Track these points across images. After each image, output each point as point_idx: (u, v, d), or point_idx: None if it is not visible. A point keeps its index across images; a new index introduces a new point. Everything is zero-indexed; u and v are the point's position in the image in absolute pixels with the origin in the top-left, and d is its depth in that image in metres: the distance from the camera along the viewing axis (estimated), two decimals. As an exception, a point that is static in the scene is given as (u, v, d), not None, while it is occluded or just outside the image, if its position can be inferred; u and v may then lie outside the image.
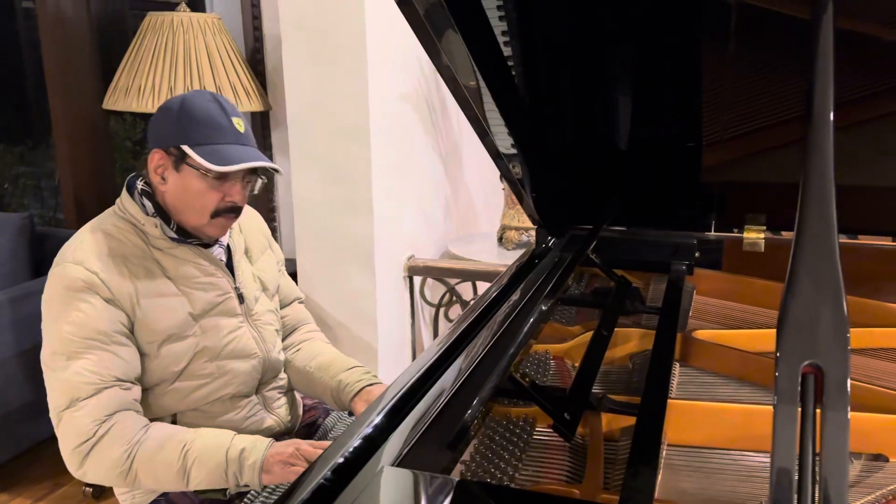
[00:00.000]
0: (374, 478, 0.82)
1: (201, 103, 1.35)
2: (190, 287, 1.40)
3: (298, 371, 1.63)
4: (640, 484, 0.81)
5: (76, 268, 1.31)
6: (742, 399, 1.19)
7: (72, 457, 1.29)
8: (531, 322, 1.14)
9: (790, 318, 0.61)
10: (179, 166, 1.36)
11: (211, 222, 1.40)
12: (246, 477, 1.27)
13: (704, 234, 1.77)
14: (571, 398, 0.99)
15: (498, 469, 0.97)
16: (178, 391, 1.40)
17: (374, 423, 0.97)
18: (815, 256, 0.62)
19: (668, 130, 1.67)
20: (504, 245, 2.75)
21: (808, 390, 0.59)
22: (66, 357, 1.28)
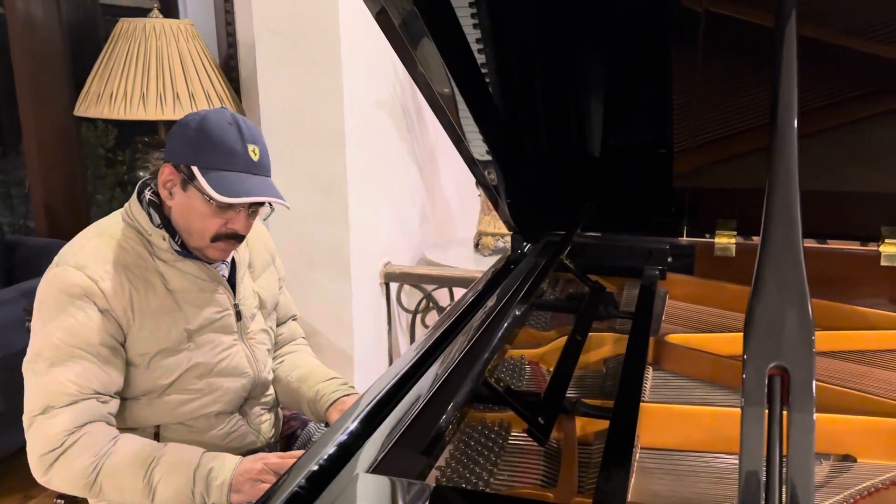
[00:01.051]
0: (349, 485, 0.82)
1: (220, 125, 1.32)
2: (189, 302, 1.38)
3: (280, 381, 1.62)
4: (612, 487, 0.82)
5: (77, 273, 1.28)
6: (714, 402, 1.20)
7: (38, 463, 1.28)
8: (506, 327, 1.14)
9: (756, 321, 0.62)
10: (186, 186, 1.33)
11: (211, 245, 1.37)
12: (213, 496, 1.25)
13: (677, 240, 1.79)
14: (545, 402, 1.00)
15: (473, 474, 0.97)
16: (164, 404, 1.38)
17: (350, 430, 0.97)
18: (781, 260, 0.63)
19: (640, 137, 1.69)
20: (480, 251, 2.76)
21: (774, 391, 0.60)
22: (50, 363, 1.27)
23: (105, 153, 4.77)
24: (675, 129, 1.63)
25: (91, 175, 4.27)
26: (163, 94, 2.21)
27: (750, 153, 1.64)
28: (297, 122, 2.32)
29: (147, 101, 2.20)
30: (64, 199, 3.17)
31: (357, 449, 0.93)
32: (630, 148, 1.71)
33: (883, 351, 1.40)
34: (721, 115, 1.60)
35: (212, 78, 2.33)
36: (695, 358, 1.30)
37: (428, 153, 2.92)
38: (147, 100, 2.20)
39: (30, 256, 2.91)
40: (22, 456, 2.68)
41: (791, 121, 0.69)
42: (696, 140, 1.61)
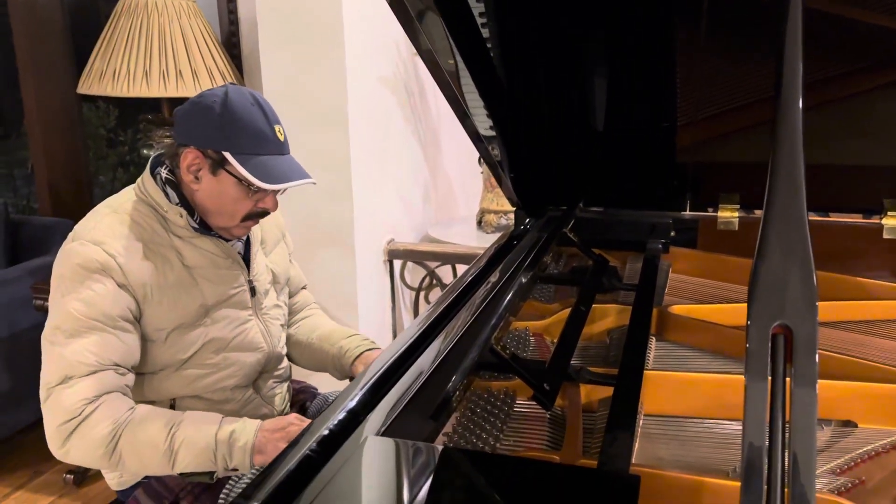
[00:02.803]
0: (358, 448, 0.83)
1: (245, 106, 1.30)
2: (205, 278, 1.39)
3: (301, 344, 1.64)
4: (617, 449, 0.83)
5: (94, 248, 1.29)
6: (716, 371, 1.22)
7: (56, 434, 1.27)
8: (510, 298, 1.15)
9: (760, 282, 0.63)
10: (217, 171, 1.32)
11: (239, 224, 1.39)
12: (236, 459, 1.25)
13: (680, 214, 1.80)
14: (550, 370, 1.02)
15: (479, 440, 0.99)
16: (181, 378, 1.39)
17: (358, 398, 0.98)
18: (785, 222, 0.64)
19: (644, 111, 1.69)
20: (483, 228, 2.77)
21: (777, 350, 0.61)
22: (69, 334, 1.27)
23: (106, 134, 4.77)
24: (679, 103, 1.63)
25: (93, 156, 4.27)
26: (166, 72, 2.21)
27: (753, 127, 1.65)
28: (300, 101, 2.32)
29: (150, 79, 2.20)
30: (67, 178, 3.18)
31: (365, 415, 0.95)
32: (633, 122, 1.71)
33: (884, 321, 1.42)
34: (724, 89, 1.61)
35: (214, 55, 2.33)
36: (697, 328, 1.32)
37: (430, 132, 2.92)
38: (150, 77, 2.20)
39: (34, 236, 2.92)
40: (29, 434, 2.73)
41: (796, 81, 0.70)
42: (700, 114, 1.61)
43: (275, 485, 0.78)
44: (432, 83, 2.82)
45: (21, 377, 2.68)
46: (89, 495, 2.46)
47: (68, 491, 2.48)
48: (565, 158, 1.81)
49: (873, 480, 0.94)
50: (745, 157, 1.76)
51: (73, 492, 2.47)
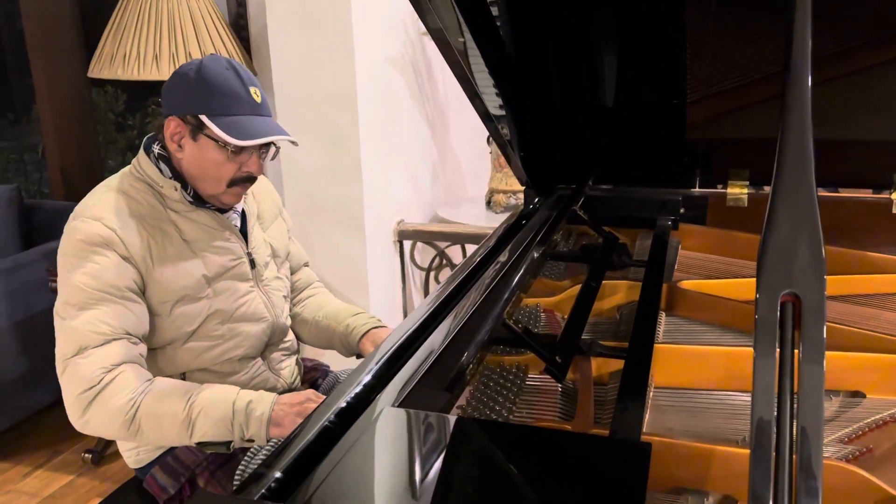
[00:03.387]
0: (375, 419, 0.85)
1: (219, 71, 1.34)
2: (204, 250, 1.42)
3: (307, 323, 1.67)
4: (628, 418, 0.85)
5: (94, 223, 1.32)
6: (725, 344, 1.23)
7: (75, 403, 1.29)
8: (521, 274, 1.17)
9: (770, 251, 0.64)
10: (197, 136, 1.36)
11: (227, 191, 1.41)
12: (252, 429, 1.28)
13: (689, 191, 1.81)
14: (562, 344, 1.03)
15: (493, 412, 1.01)
16: (189, 350, 1.42)
17: (373, 372, 1.00)
18: (793, 192, 0.65)
19: (653, 88, 1.69)
20: (492, 208, 2.78)
21: (786, 318, 0.62)
22: (78, 307, 1.30)
23: (115, 118, 4.79)
24: (689, 80, 1.63)
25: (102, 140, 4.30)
26: (175, 54, 2.22)
27: (763, 102, 1.65)
28: (309, 81, 2.32)
29: (160, 62, 2.21)
30: (79, 162, 3.20)
31: (382, 388, 0.97)
32: (642, 99, 1.72)
33: (893, 294, 1.42)
34: (734, 65, 1.60)
35: (223, 37, 2.34)
36: (706, 303, 1.33)
37: (438, 111, 2.92)
38: (160, 60, 2.21)
39: (48, 219, 2.95)
40: (48, 414, 2.77)
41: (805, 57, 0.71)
42: (710, 89, 1.61)
43: (295, 454, 0.80)
44: (440, 62, 2.82)
45: (38, 359, 2.72)
46: (107, 474, 2.50)
47: (87, 470, 2.52)
48: (574, 136, 1.81)
49: (881, 449, 0.96)
50: (754, 133, 1.76)
51: (91, 471, 2.52)
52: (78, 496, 2.39)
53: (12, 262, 2.62)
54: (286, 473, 0.78)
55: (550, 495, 0.68)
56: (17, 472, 2.52)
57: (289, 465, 0.79)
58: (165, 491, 1.43)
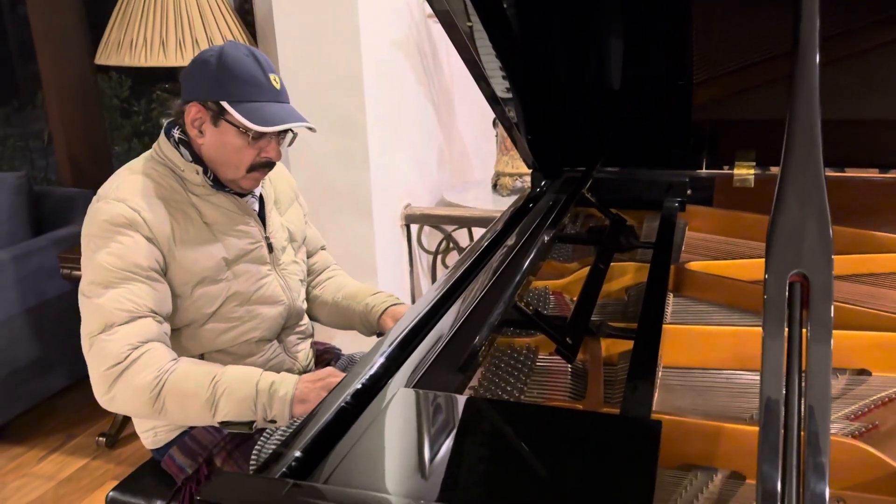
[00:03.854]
0: (392, 400, 0.87)
1: (239, 58, 1.36)
2: (224, 233, 1.44)
3: (327, 304, 1.70)
4: (638, 397, 0.87)
5: (119, 205, 1.34)
6: (732, 324, 1.24)
7: (101, 379, 1.31)
8: (532, 257, 1.18)
9: (778, 232, 0.65)
10: (217, 121, 1.38)
11: (246, 176, 1.43)
12: (276, 409, 1.30)
13: (696, 172, 1.81)
14: (572, 325, 1.05)
15: (505, 392, 1.02)
16: (208, 332, 1.44)
17: (387, 354, 1.02)
18: (802, 173, 0.66)
19: (659, 70, 1.70)
20: (499, 191, 2.78)
21: (795, 297, 0.64)
22: (104, 286, 1.32)
23: (120, 104, 4.79)
24: (695, 61, 1.63)
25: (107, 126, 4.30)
26: (182, 40, 2.22)
27: (769, 83, 1.65)
28: (315, 65, 2.33)
29: (167, 48, 2.21)
30: (86, 148, 3.21)
31: (396, 370, 0.99)
32: (649, 81, 1.72)
33: (897, 273, 1.44)
34: (741, 46, 1.60)
35: (228, 22, 2.34)
36: (713, 284, 1.34)
37: (444, 95, 2.92)
38: (167, 46, 2.21)
39: (57, 206, 2.97)
40: (62, 398, 2.81)
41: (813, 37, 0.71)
42: (716, 71, 1.61)
43: (314, 434, 0.82)
44: (445, 45, 2.83)
45: (51, 344, 2.75)
46: (121, 457, 2.54)
47: (101, 453, 2.56)
48: (581, 119, 1.82)
49: (886, 425, 0.97)
50: (760, 115, 1.76)
51: (105, 454, 2.55)
52: (93, 479, 2.42)
53: (23, 249, 2.65)
54: (305, 452, 0.80)
55: (564, 473, 0.70)
56: (33, 455, 2.56)
57: (308, 445, 0.81)
58: (183, 471, 1.46)
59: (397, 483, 0.72)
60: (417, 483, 0.72)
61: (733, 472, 0.89)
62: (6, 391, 2.59)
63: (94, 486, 2.38)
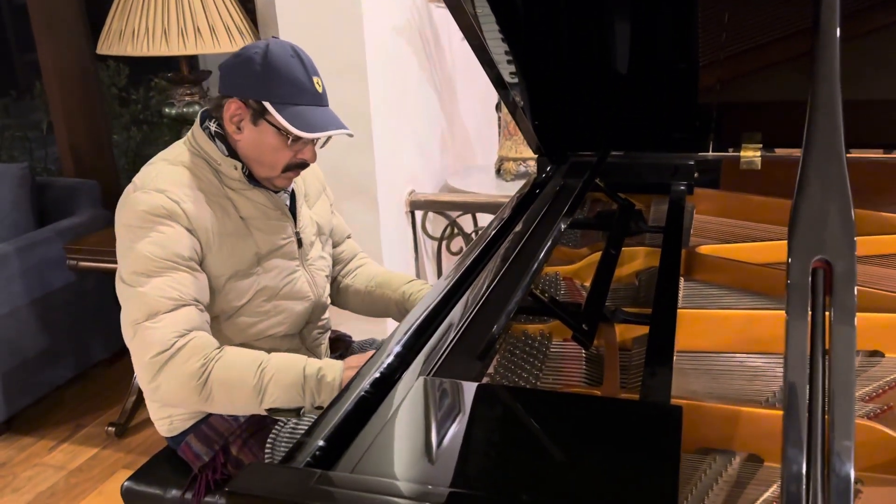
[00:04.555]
0: (413, 388, 0.88)
1: (285, 59, 1.35)
2: (258, 228, 1.45)
3: (360, 293, 1.70)
4: (656, 382, 0.88)
5: (158, 195, 1.34)
6: (744, 307, 1.25)
7: (147, 367, 1.31)
8: (547, 245, 1.18)
9: (801, 218, 0.66)
10: (258, 121, 1.37)
11: (280, 175, 1.44)
12: (324, 395, 1.30)
13: (702, 155, 1.82)
14: (587, 311, 1.06)
15: (521, 379, 1.03)
16: (235, 325, 1.45)
17: (403, 342, 1.03)
18: (823, 159, 0.67)
19: (664, 52, 1.69)
20: (502, 176, 2.78)
21: (817, 283, 0.64)
22: (147, 275, 1.32)
23: (118, 92, 4.76)
24: (701, 43, 1.63)
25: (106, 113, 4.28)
26: (184, 29, 2.21)
27: (776, 65, 1.65)
28: (318, 53, 2.28)
29: (169, 37, 2.20)
30: (88, 138, 3.20)
31: (412, 358, 0.99)
32: (655, 64, 1.72)
33: (908, 254, 1.44)
34: (746, 28, 1.60)
35: (230, 10, 2.33)
36: (724, 267, 1.35)
37: (446, 79, 2.91)
38: (169, 35, 2.20)
39: (60, 197, 2.97)
40: (69, 389, 2.82)
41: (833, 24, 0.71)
42: (724, 52, 1.61)
43: (336, 423, 0.83)
44: (447, 31, 2.81)
45: (57, 335, 2.76)
46: (131, 445, 2.55)
47: (111, 442, 2.57)
48: (586, 103, 1.82)
49: (901, 406, 0.98)
50: (766, 97, 1.76)
51: (115, 443, 2.57)
52: (104, 468, 2.44)
53: (28, 241, 2.65)
54: (328, 441, 0.81)
55: (589, 459, 0.70)
56: (43, 446, 2.57)
57: (330, 434, 0.82)
58: (200, 458, 1.47)
59: (423, 472, 0.73)
60: (443, 472, 0.73)
61: (750, 454, 0.90)
62: (14, 382, 2.60)
63: (106, 476, 2.40)
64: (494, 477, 0.69)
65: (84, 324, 2.90)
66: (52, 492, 2.33)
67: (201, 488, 1.48)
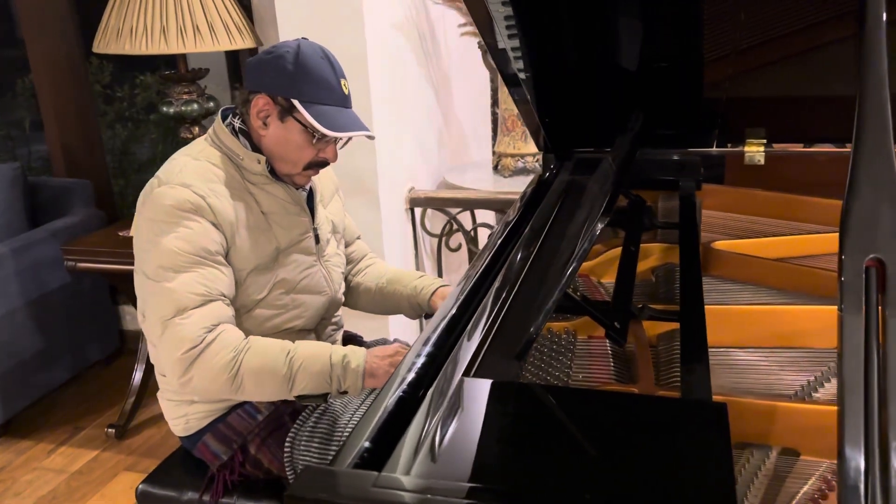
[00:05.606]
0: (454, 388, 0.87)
1: (315, 60, 1.39)
2: (279, 223, 1.46)
3: (370, 290, 1.72)
4: (695, 380, 0.89)
5: (184, 190, 1.35)
6: (762, 302, 1.27)
7: (178, 363, 1.32)
8: (585, 245, 1.17)
9: (852, 218, 0.67)
10: (285, 117, 1.40)
11: (301, 173, 1.46)
12: (349, 380, 1.34)
13: (707, 151, 1.83)
14: (616, 308, 1.06)
15: (553, 378, 1.04)
16: (254, 318, 1.46)
17: (434, 342, 1.03)
18: (873, 159, 0.68)
19: (670, 49, 1.71)
20: (500, 172, 2.78)
21: (871, 282, 0.65)
22: (174, 270, 1.32)
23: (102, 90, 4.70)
24: (706, 40, 1.64)
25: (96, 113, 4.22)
26: (183, 27, 2.19)
27: (779, 61, 1.67)
28: (318, 50, 2.30)
29: (168, 35, 2.18)
30: (79, 137, 3.17)
31: (444, 358, 0.99)
32: (660, 60, 1.73)
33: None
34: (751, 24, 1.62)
35: (228, 8, 2.31)
36: (740, 262, 1.36)
37: (442, 75, 2.91)
38: (168, 33, 2.18)
39: (52, 197, 2.94)
40: (66, 390, 2.80)
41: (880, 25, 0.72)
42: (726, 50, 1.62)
43: (379, 424, 0.83)
44: (443, 27, 2.81)
45: (53, 337, 2.73)
46: (132, 447, 2.53)
47: (111, 444, 2.55)
48: (594, 100, 1.83)
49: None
50: (770, 92, 1.78)
51: (115, 445, 2.55)
52: (105, 470, 2.42)
53: (23, 241, 2.62)
54: (374, 443, 0.81)
55: (646, 457, 0.71)
56: (41, 449, 2.55)
57: (375, 435, 0.82)
58: (218, 457, 1.47)
59: (478, 473, 0.73)
60: (499, 473, 0.73)
61: (784, 448, 0.91)
62: (11, 385, 2.57)
63: (108, 478, 2.38)
64: (555, 477, 0.70)
65: (80, 325, 2.87)
66: (54, 495, 2.30)
67: (219, 489, 1.47)
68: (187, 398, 1.49)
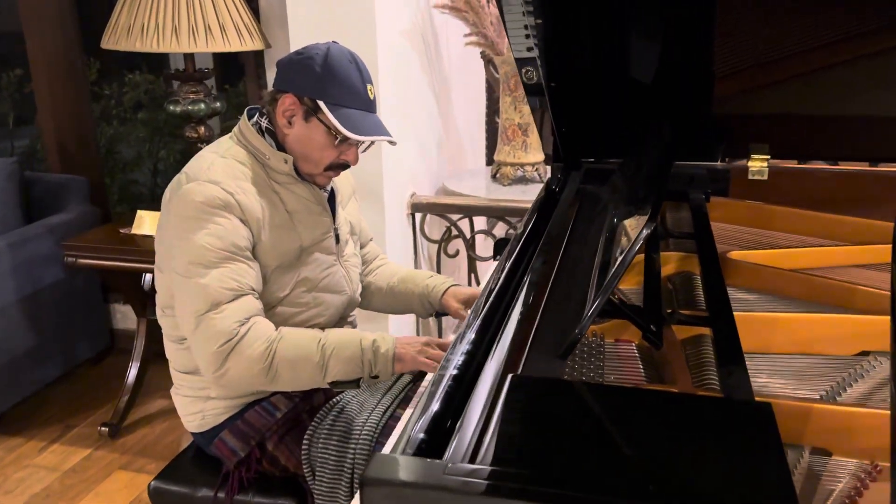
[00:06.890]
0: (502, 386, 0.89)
1: (343, 64, 1.42)
2: (303, 222, 1.49)
3: (382, 290, 1.75)
4: (735, 381, 0.92)
5: (213, 187, 1.37)
6: (778, 311, 1.30)
7: (214, 357, 1.34)
8: (633, 250, 1.18)
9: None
10: (309, 118, 1.43)
11: (322, 173, 1.49)
12: (380, 365, 1.37)
13: (713, 164, 1.88)
14: (649, 312, 1.09)
15: (588, 378, 1.06)
16: (278, 315, 1.47)
17: (472, 339, 1.05)
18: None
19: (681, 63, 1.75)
20: (499, 181, 2.82)
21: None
22: (205, 266, 1.34)
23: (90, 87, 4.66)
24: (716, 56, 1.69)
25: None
26: (195, 27, 2.19)
27: (786, 80, 1.72)
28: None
29: (179, 34, 2.18)
30: (74, 134, 3.14)
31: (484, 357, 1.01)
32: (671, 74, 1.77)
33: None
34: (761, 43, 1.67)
35: (239, 9, 2.32)
36: (757, 272, 1.40)
37: (443, 83, 2.94)
38: (179, 32, 2.18)
39: (47, 193, 2.91)
40: (57, 387, 2.76)
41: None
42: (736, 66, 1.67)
43: (433, 416, 0.85)
44: (445, 34, 2.84)
45: (46, 333, 2.70)
46: (126, 446, 2.51)
47: (104, 443, 2.53)
48: (605, 111, 1.87)
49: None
50: (775, 109, 1.84)
51: (108, 443, 2.53)
52: (99, 468, 2.40)
53: (18, 237, 2.59)
54: (428, 434, 0.83)
55: (703, 455, 0.74)
56: (32, 446, 2.52)
57: (429, 426, 0.84)
58: (235, 454, 1.48)
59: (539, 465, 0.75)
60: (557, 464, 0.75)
61: (814, 448, 0.95)
62: (2, 381, 2.53)
63: (102, 477, 2.35)
64: (614, 470, 0.72)
65: (72, 322, 2.84)
66: (47, 493, 2.28)
67: (234, 486, 1.48)
68: (203, 394, 1.49)
